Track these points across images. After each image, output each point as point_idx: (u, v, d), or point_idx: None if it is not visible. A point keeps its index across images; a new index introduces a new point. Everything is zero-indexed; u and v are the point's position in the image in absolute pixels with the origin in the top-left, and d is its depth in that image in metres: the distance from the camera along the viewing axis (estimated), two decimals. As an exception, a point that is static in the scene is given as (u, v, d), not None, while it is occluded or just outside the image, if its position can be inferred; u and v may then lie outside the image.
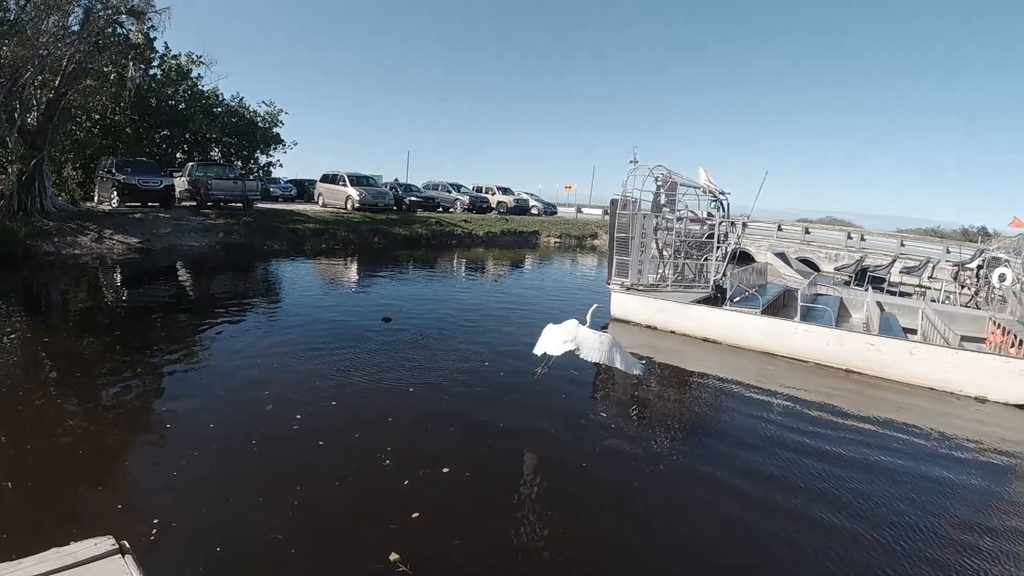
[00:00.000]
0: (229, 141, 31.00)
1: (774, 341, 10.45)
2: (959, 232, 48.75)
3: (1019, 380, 8.57)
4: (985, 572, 4.44)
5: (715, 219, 13.15)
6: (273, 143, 32.78)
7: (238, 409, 6.41)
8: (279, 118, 32.40)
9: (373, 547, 4.12)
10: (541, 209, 38.71)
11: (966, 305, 16.26)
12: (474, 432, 6.28)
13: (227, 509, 4.53)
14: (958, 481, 6.14)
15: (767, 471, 5.91)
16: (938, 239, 37.04)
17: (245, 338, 9.18)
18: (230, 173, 24.92)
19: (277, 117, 32.32)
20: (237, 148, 31.55)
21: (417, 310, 12.13)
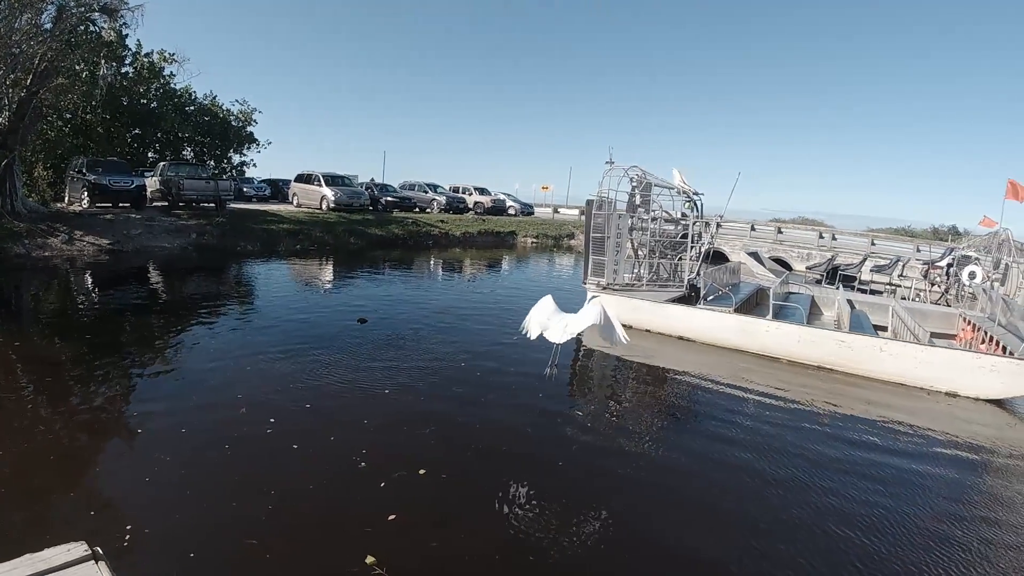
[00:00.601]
0: (202, 140, 30.59)
1: (747, 339, 10.61)
2: (929, 231, 49.76)
3: (989, 375, 8.77)
4: (958, 562, 4.56)
5: (689, 219, 13.30)
6: (246, 142, 32.41)
7: (210, 413, 6.34)
8: (253, 117, 32.07)
9: (349, 550, 4.11)
10: (518, 209, 38.74)
11: (936, 303, 16.62)
12: (451, 433, 6.27)
13: (200, 514, 4.49)
14: (931, 474, 6.30)
15: (741, 466, 6.01)
16: (908, 238, 37.78)
17: (217, 341, 9.07)
18: (202, 173, 24.59)
19: (251, 116, 31.98)
20: (210, 147, 31.15)
21: (393, 311, 12.08)
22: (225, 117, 30.96)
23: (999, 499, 5.95)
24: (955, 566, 4.50)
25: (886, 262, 22.17)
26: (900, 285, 19.45)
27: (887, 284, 19.71)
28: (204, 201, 22.87)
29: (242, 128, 31.69)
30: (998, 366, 8.76)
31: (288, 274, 17.08)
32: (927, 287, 18.44)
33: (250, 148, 32.89)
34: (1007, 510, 5.66)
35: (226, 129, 30.86)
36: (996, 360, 8.86)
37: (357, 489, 4.98)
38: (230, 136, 31.20)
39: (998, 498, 5.98)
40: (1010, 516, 5.51)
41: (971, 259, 16.16)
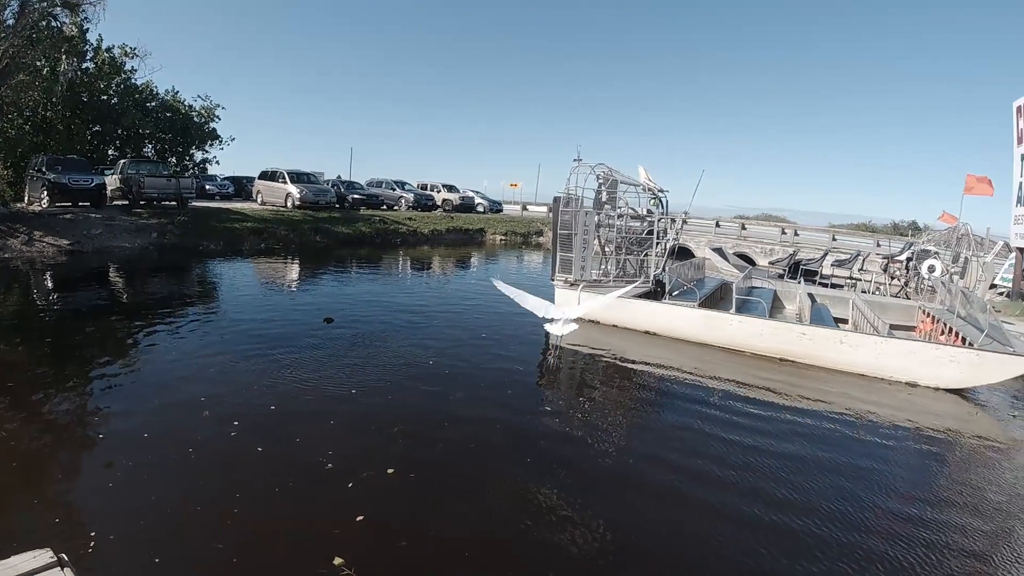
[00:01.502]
0: (163, 137, 29.94)
1: (711, 332, 10.80)
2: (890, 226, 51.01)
3: (949, 366, 9.05)
4: (919, 550, 4.70)
5: (654, 216, 13.44)
6: (209, 139, 31.74)
7: (173, 416, 6.22)
8: (216, 113, 31.42)
9: (317, 552, 4.08)
10: (487, 207, 38.65)
11: (896, 296, 17.05)
12: (419, 431, 6.25)
13: (165, 519, 4.42)
14: (892, 462, 6.51)
15: (708, 455, 6.13)
16: (870, 233, 38.62)
17: (180, 343, 8.90)
18: (163, 170, 24.05)
19: (213, 112, 31.30)
20: (171, 144, 30.49)
21: (360, 310, 11.99)
22: (187, 113, 30.32)
23: (960, 486, 6.14)
24: (916, 554, 4.64)
25: (847, 257, 22.65)
26: (860, 279, 19.90)
27: (848, 278, 20.14)
28: (165, 199, 22.39)
29: (204, 124, 31.07)
30: (957, 357, 9.03)
31: (252, 274, 16.84)
32: (887, 281, 18.91)
33: (213, 145, 32.22)
34: (968, 497, 5.83)
35: (188, 125, 30.22)
36: (955, 351, 9.13)
37: (324, 490, 4.94)
38: (192, 133, 30.57)
39: (959, 485, 6.17)
40: (972, 502, 5.68)
41: (930, 253, 16.60)
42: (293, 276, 16.87)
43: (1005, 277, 20.46)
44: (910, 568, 4.42)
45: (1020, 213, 18.78)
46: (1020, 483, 6.28)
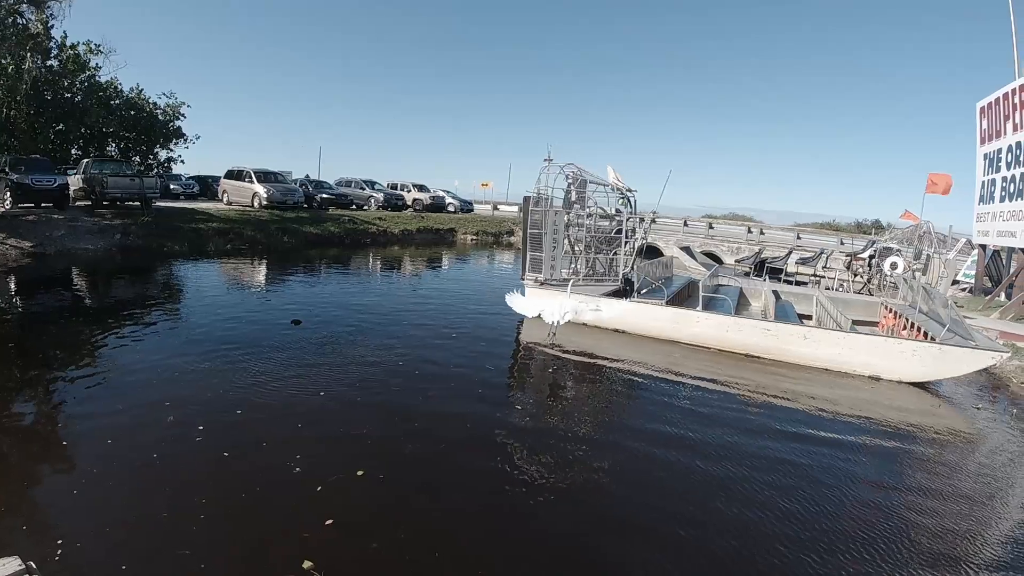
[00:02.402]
0: (127, 136, 29.30)
1: (679, 329, 10.96)
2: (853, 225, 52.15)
3: (911, 359, 9.30)
4: (885, 539, 4.84)
5: (623, 215, 13.56)
6: (174, 137, 31.12)
7: (138, 422, 6.09)
8: (180, 111, 30.82)
9: (285, 557, 4.05)
10: (457, 206, 38.61)
11: (859, 292, 17.45)
12: (389, 433, 6.22)
13: (132, 526, 4.35)
14: (857, 454, 6.69)
15: (678, 451, 6.23)
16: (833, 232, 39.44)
17: (144, 347, 8.72)
18: (127, 170, 23.48)
19: (178, 109, 30.65)
20: (135, 143, 29.86)
21: (328, 312, 11.85)
22: (151, 111, 29.70)
23: (925, 478, 6.31)
24: (881, 543, 4.76)
25: (811, 255, 23.14)
26: (824, 276, 20.32)
27: (812, 275, 20.54)
28: (129, 200, 21.89)
29: (169, 122, 30.46)
30: (919, 351, 9.28)
31: (218, 275, 16.55)
32: (850, 278, 19.34)
33: (177, 143, 31.59)
34: (933, 488, 6.01)
35: (152, 124, 29.61)
36: (917, 345, 9.38)
37: (292, 495, 4.89)
38: (156, 131, 29.95)
39: (924, 477, 6.34)
40: (935, 492, 5.86)
41: (893, 251, 17.01)
42: (260, 278, 16.64)
43: (967, 273, 21.07)
44: (877, 556, 4.54)
45: (983, 211, 19.35)
46: (985, 472, 6.53)
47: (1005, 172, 17.69)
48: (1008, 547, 4.97)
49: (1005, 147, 17.73)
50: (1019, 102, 16.72)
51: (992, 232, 18.53)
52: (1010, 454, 7.15)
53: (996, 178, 18.33)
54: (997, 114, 18.28)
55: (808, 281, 19.75)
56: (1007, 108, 17.56)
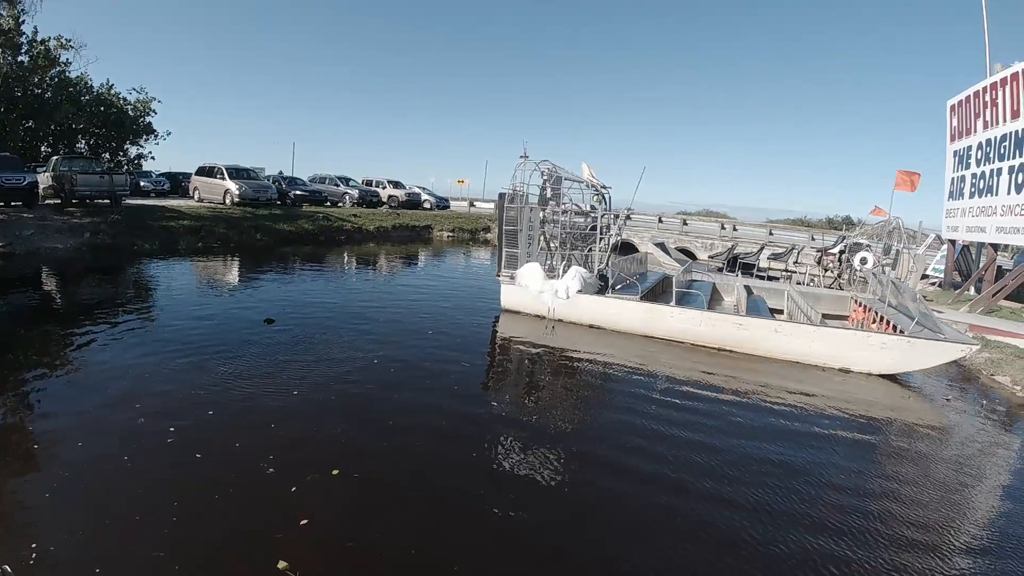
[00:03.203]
0: (97, 132, 28.69)
1: (653, 324, 11.07)
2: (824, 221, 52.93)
3: (880, 352, 9.49)
4: (856, 526, 4.95)
5: (598, 212, 13.63)
6: (144, 133, 30.51)
7: (108, 424, 6.00)
8: (151, 106, 30.24)
9: (260, 557, 4.03)
10: (433, 203, 38.43)
11: (829, 287, 17.73)
12: (363, 431, 6.21)
13: (105, 529, 4.30)
14: (830, 443, 6.84)
15: (650, 444, 6.30)
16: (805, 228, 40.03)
17: (114, 348, 8.56)
18: (97, 167, 22.98)
19: (149, 105, 30.07)
20: (105, 139, 29.25)
21: (302, 310, 11.75)
22: (121, 107, 29.11)
23: (896, 466, 6.50)
24: (852, 532, 4.87)
25: (782, 250, 23.45)
26: (795, 271, 20.61)
27: (783, 271, 20.84)
28: (98, 197, 21.43)
29: (139, 118, 29.89)
30: (888, 343, 9.47)
31: (189, 274, 16.28)
32: (821, 273, 19.63)
33: (148, 140, 31.00)
34: (903, 475, 6.19)
35: (122, 120, 29.02)
36: (886, 338, 9.58)
37: (266, 495, 4.85)
38: (126, 127, 29.36)
39: (895, 465, 6.53)
40: (906, 483, 6.00)
41: (862, 246, 17.30)
42: (232, 276, 16.42)
43: (937, 268, 21.52)
44: (849, 544, 4.64)
45: (952, 207, 19.76)
46: (955, 461, 6.71)
47: (975, 169, 18.07)
48: (976, 534, 5.13)
49: (975, 144, 18.11)
50: (990, 100, 17.09)
51: (961, 228, 18.94)
52: (980, 444, 7.35)
53: (966, 175, 18.73)
54: (967, 112, 18.67)
55: (780, 276, 20.03)
56: (978, 106, 17.94)
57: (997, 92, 16.62)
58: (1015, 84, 15.60)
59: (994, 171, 16.76)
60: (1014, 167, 15.61)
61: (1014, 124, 15.70)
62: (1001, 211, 16.26)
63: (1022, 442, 7.52)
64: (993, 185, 16.78)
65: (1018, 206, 15.33)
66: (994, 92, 16.81)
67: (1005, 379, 9.79)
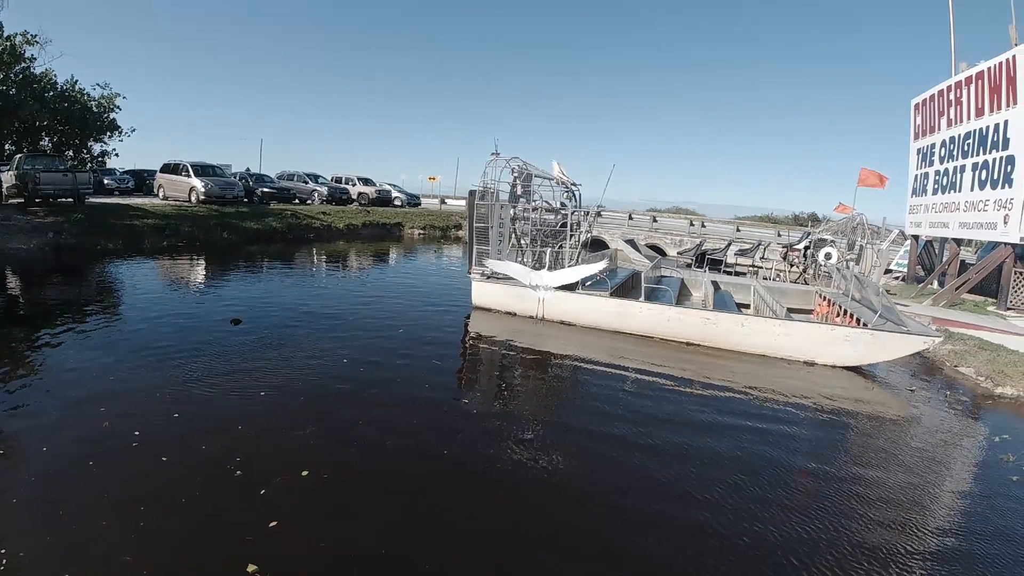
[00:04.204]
0: (61, 129, 27.95)
1: (622, 320, 11.18)
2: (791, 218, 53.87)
3: (844, 345, 9.71)
4: (824, 514, 5.07)
5: (568, 209, 13.70)
6: (108, 130, 29.84)
7: (73, 428, 5.86)
8: (115, 102, 29.56)
9: (229, 561, 3.98)
10: (404, 200, 38.28)
11: (795, 282, 18.08)
12: (333, 431, 6.17)
13: (73, 533, 4.23)
14: (796, 435, 6.98)
15: (621, 439, 6.38)
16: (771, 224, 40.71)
17: (77, 351, 8.35)
18: (60, 165, 22.43)
19: (113, 101, 29.38)
20: (69, 137, 28.52)
21: (270, 310, 11.59)
22: (85, 103, 28.39)
23: (861, 454, 6.68)
24: (821, 518, 4.99)
25: (749, 246, 23.85)
26: (762, 267, 20.98)
27: (750, 266, 21.21)
28: (62, 196, 20.96)
29: (103, 115, 29.19)
30: (852, 336, 9.69)
31: (154, 274, 15.95)
32: (787, 268, 20.01)
33: (112, 137, 30.31)
34: (868, 463, 6.36)
35: (86, 116, 28.31)
36: (850, 331, 9.80)
37: (234, 498, 4.79)
38: (90, 124, 28.67)
39: (860, 453, 6.70)
40: (872, 469, 6.18)
41: (827, 242, 17.66)
42: (198, 276, 16.11)
43: (900, 263, 22.06)
44: (818, 533, 4.74)
45: (915, 203, 20.26)
46: (917, 449, 6.88)
47: (938, 166, 18.54)
48: (941, 515, 5.32)
49: (939, 142, 18.58)
50: (954, 98, 17.54)
51: (925, 223, 19.43)
52: (943, 431, 7.58)
53: (929, 172, 19.20)
54: (931, 110, 19.14)
55: (747, 272, 20.39)
56: (942, 104, 18.40)
57: (962, 91, 17.07)
58: (980, 83, 16.04)
59: (957, 168, 17.22)
60: (977, 164, 16.05)
61: (978, 122, 16.14)
62: (964, 207, 16.71)
63: (987, 429, 7.74)
64: (956, 182, 17.24)
65: (981, 202, 15.76)
66: (959, 91, 17.26)
67: (969, 370, 10.05)
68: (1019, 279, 15.14)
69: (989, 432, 7.60)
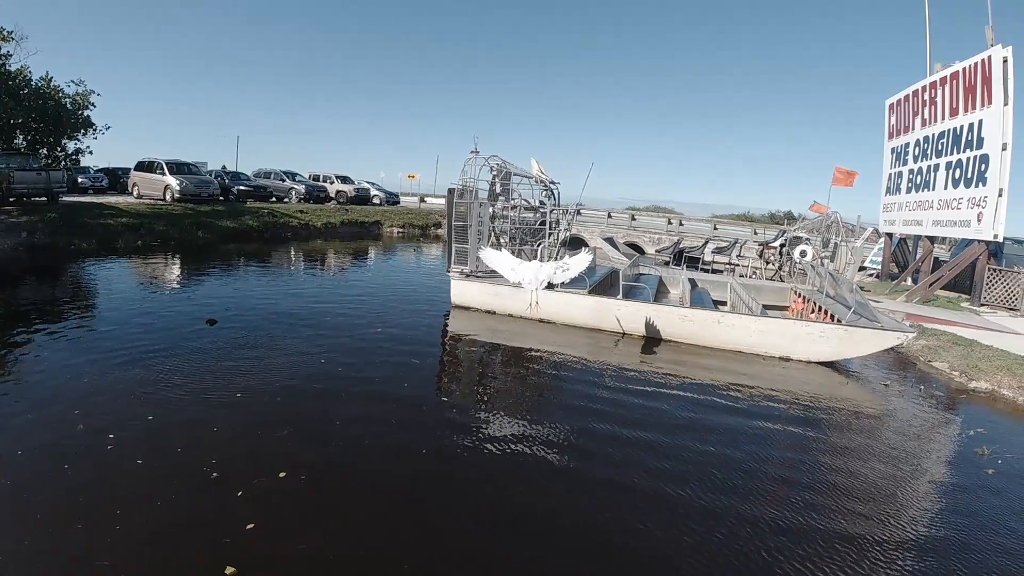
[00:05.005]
0: (36, 127, 27.37)
1: (601, 317, 11.26)
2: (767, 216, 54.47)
3: (819, 341, 9.86)
4: (800, 506, 5.16)
5: (547, 207, 13.74)
6: (82, 128, 29.28)
7: (47, 431, 5.77)
8: (90, 99, 28.99)
9: (206, 564, 3.95)
10: (383, 198, 37.95)
11: (771, 279, 18.31)
12: (310, 432, 6.13)
13: (47, 538, 4.17)
14: (772, 429, 7.10)
15: (601, 433, 6.45)
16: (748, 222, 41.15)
17: (50, 351, 8.20)
18: (34, 163, 22.00)
19: (87, 98, 28.78)
20: (43, 135, 27.95)
21: (246, 310, 11.46)
22: (59, 100, 27.83)
23: (837, 448, 6.78)
24: (797, 511, 5.08)
25: (726, 244, 24.10)
26: (739, 264, 21.20)
27: (727, 264, 21.42)
28: (35, 195, 20.61)
29: (78, 112, 28.63)
30: (826, 332, 9.84)
31: (128, 274, 15.71)
32: (763, 265, 20.24)
33: (86, 134, 29.72)
34: (844, 456, 6.47)
35: (60, 113, 27.76)
36: (824, 327, 9.95)
37: (211, 500, 4.76)
38: (64, 121, 28.11)
39: (836, 447, 6.80)
40: (848, 462, 6.29)
41: (802, 240, 17.90)
42: (173, 275, 15.89)
43: (874, 260, 22.41)
44: (795, 526, 4.82)
45: (889, 201, 20.58)
46: (890, 441, 7.04)
47: (912, 165, 18.85)
48: (916, 504, 5.46)
49: (913, 141, 18.89)
50: (929, 99, 17.84)
51: (899, 221, 19.76)
52: (917, 427, 7.73)
53: (903, 170, 19.52)
54: (906, 110, 19.45)
55: (723, 269, 20.60)
56: (916, 104, 18.70)
57: (936, 91, 17.36)
58: (955, 83, 16.33)
59: (931, 167, 17.52)
60: (951, 163, 16.35)
61: (952, 121, 16.43)
62: (938, 205, 17.02)
63: (962, 423, 7.92)
64: (930, 180, 17.55)
65: (955, 200, 16.06)
66: (933, 91, 17.55)
67: (943, 365, 10.24)
68: (993, 276, 15.45)
69: (964, 425, 7.78)
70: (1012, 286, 15.23)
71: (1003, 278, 15.41)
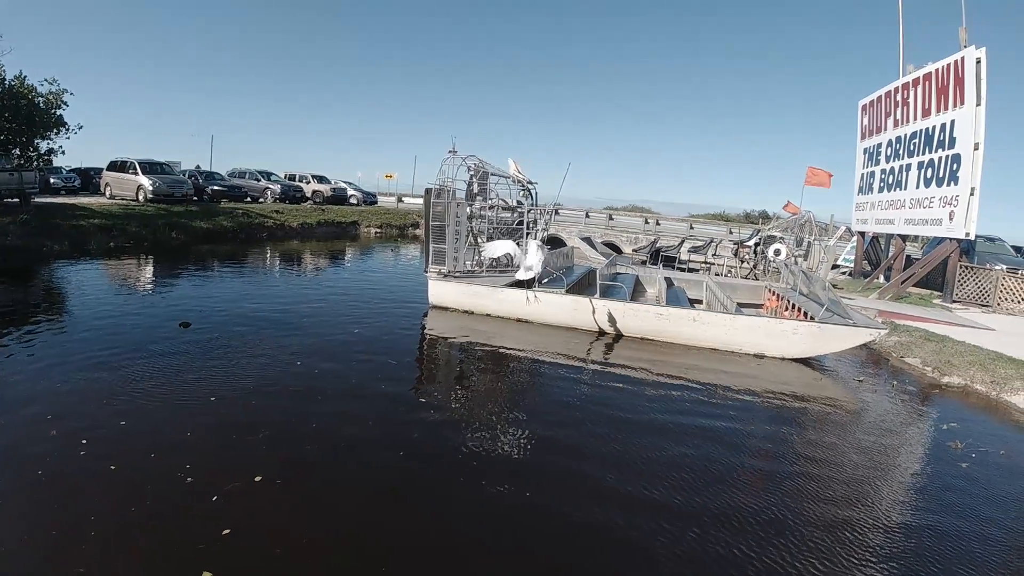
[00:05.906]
0: (8, 127, 26.82)
1: (578, 316, 11.32)
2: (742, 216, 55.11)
3: (792, 338, 10.02)
4: (777, 499, 5.25)
5: (524, 207, 13.78)
6: (55, 127, 28.74)
7: (17, 436, 5.66)
8: (63, 98, 28.44)
9: (181, 571, 3.91)
10: (360, 198, 37.83)
11: (745, 277, 18.54)
12: (286, 435, 6.07)
13: (20, 546, 4.11)
14: (744, 424, 7.20)
15: (580, 432, 6.52)
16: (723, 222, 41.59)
17: (20, 358, 8.01)
18: (6, 164, 21.59)
19: (60, 97, 28.23)
20: (15, 134, 27.39)
21: (221, 312, 11.31)
22: (32, 99, 27.28)
23: (811, 443, 6.89)
24: (774, 503, 5.17)
25: (702, 243, 24.34)
26: (714, 263, 21.45)
27: (703, 263, 21.65)
28: (7, 196, 20.21)
29: (51, 111, 28.09)
30: (800, 329, 10.00)
31: (101, 276, 15.45)
32: (737, 264, 20.48)
33: (59, 134, 29.17)
34: (819, 450, 6.59)
35: (32, 113, 27.22)
36: (798, 324, 10.11)
37: (185, 505, 4.70)
38: (37, 120, 27.56)
39: (810, 442, 6.92)
40: (823, 457, 6.40)
41: (776, 238, 18.14)
42: (146, 277, 15.64)
43: (847, 258, 22.79)
44: (771, 520, 4.89)
45: (861, 201, 20.93)
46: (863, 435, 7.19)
47: (884, 164, 19.17)
48: (889, 503, 5.53)
49: (885, 142, 19.21)
50: (901, 99, 18.15)
51: (871, 220, 20.10)
52: (890, 421, 7.91)
53: (875, 170, 19.85)
54: (878, 111, 19.78)
55: (699, 268, 20.82)
56: (889, 105, 19.02)
57: (909, 92, 17.67)
58: (927, 84, 16.63)
59: (904, 167, 17.84)
60: (923, 163, 16.65)
61: (925, 122, 16.74)
62: (910, 204, 17.34)
63: (935, 417, 8.11)
64: (903, 180, 17.86)
65: (927, 199, 16.37)
66: (906, 92, 17.86)
67: (915, 360, 10.45)
68: (964, 273, 15.77)
69: (938, 420, 7.96)
70: (983, 283, 15.57)
71: (975, 275, 15.75)
